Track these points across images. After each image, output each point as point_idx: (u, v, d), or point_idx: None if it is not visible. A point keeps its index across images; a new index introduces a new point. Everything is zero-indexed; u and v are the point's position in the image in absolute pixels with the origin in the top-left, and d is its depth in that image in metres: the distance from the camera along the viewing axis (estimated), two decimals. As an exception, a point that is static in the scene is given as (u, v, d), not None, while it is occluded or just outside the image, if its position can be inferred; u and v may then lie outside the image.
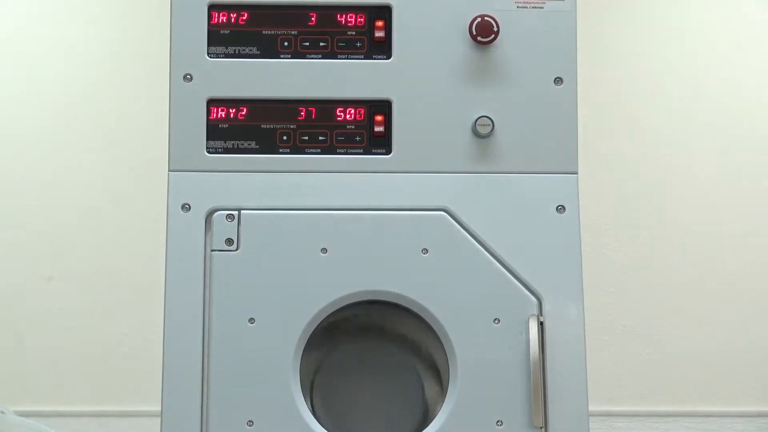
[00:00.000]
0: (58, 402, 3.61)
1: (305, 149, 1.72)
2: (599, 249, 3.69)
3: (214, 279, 1.68)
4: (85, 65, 3.71)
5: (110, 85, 3.70)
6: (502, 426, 1.66)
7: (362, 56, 1.74)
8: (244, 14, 1.74)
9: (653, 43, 3.78)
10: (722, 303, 3.72)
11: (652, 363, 3.71)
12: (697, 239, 3.73)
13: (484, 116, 1.72)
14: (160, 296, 1.70)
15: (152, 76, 3.55)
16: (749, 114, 3.76)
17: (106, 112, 3.69)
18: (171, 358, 1.68)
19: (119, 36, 3.73)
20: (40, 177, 3.64)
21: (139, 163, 3.60)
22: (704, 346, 3.71)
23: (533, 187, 1.72)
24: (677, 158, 3.75)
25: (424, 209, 1.71)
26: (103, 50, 3.72)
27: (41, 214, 3.62)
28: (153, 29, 3.59)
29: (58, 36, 3.71)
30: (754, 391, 3.71)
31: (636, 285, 3.73)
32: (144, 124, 3.62)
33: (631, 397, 3.71)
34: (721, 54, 3.78)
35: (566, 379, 1.67)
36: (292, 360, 1.67)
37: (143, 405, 3.54)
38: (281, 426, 1.66)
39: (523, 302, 1.69)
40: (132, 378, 3.58)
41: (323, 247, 1.69)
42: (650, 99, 3.76)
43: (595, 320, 3.59)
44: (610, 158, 3.73)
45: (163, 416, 1.67)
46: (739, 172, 3.75)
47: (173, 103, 1.72)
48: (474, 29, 1.72)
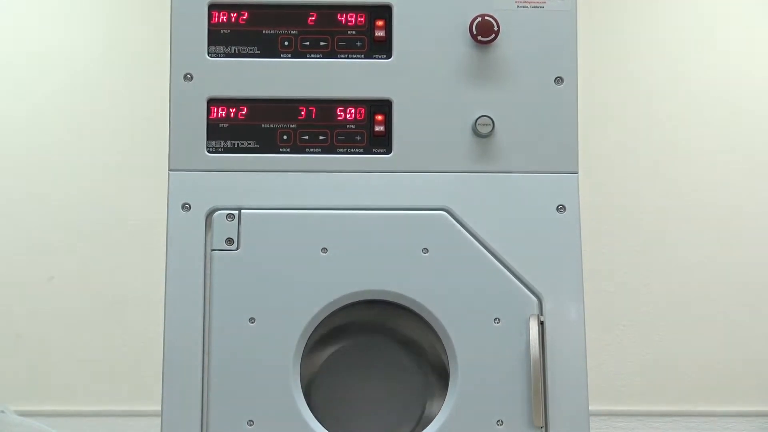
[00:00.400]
0: (58, 402, 3.61)
1: (305, 149, 1.72)
2: (600, 248, 3.69)
3: (214, 279, 1.68)
4: (84, 65, 3.71)
5: (110, 84, 3.69)
6: (503, 425, 1.66)
7: (362, 56, 1.74)
8: (245, 14, 1.74)
9: (653, 42, 3.78)
10: (722, 302, 3.72)
11: (652, 362, 3.71)
12: (698, 239, 3.73)
13: (485, 116, 1.72)
14: (160, 296, 1.70)
15: (152, 75, 3.55)
16: (752, 113, 3.76)
17: (106, 111, 3.69)
18: (171, 357, 1.68)
19: (119, 36, 3.73)
20: (40, 177, 3.64)
21: (140, 162, 3.60)
22: (704, 345, 3.70)
23: (534, 186, 1.72)
24: (679, 158, 3.75)
25: (424, 209, 1.71)
26: (102, 50, 3.72)
27: (41, 214, 3.62)
28: (153, 29, 3.59)
29: (56, 35, 3.71)
30: (755, 390, 3.71)
31: (636, 285, 3.73)
32: (144, 124, 3.62)
33: (631, 397, 3.71)
34: (723, 53, 3.78)
35: (566, 378, 1.67)
36: (292, 360, 1.67)
37: (143, 405, 3.54)
38: (281, 426, 1.66)
39: (524, 302, 1.69)
40: (132, 378, 3.58)
41: (323, 246, 1.69)
42: (650, 99, 3.76)
43: (595, 320, 3.59)
44: (610, 158, 3.73)
45: (164, 416, 1.67)
46: (741, 172, 3.75)
47: (173, 102, 1.72)
48: (474, 29, 1.72)
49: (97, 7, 3.75)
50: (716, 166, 3.75)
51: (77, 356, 3.58)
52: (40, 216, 3.62)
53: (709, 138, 3.75)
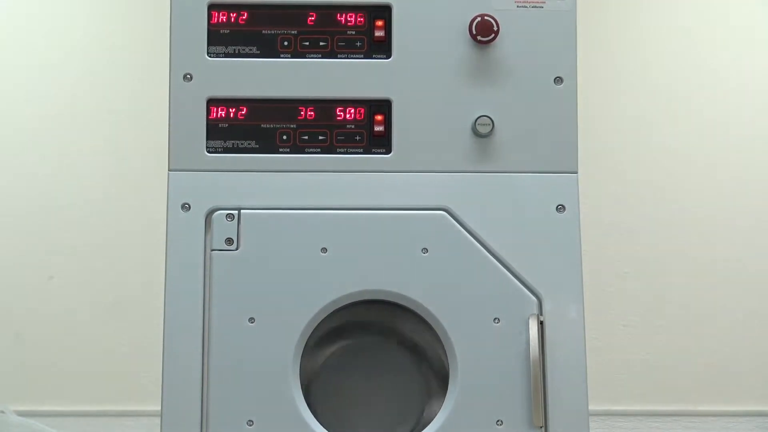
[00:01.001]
0: (58, 402, 3.60)
1: (305, 149, 1.72)
2: (599, 248, 3.68)
3: (214, 279, 1.68)
4: (84, 65, 3.71)
5: (110, 84, 3.69)
6: (502, 425, 1.66)
7: (362, 56, 1.74)
8: (244, 14, 1.74)
9: (653, 42, 3.78)
10: (723, 302, 3.71)
11: (652, 362, 3.71)
12: (698, 238, 3.73)
13: (484, 116, 1.72)
14: (160, 296, 1.70)
15: (152, 75, 3.55)
16: (753, 111, 3.75)
17: (106, 111, 3.68)
18: (171, 357, 1.68)
19: (118, 35, 3.73)
20: (40, 177, 3.64)
21: (139, 162, 3.60)
22: (704, 345, 3.70)
23: (533, 186, 1.72)
24: (679, 157, 3.74)
25: (424, 209, 1.71)
26: (101, 50, 3.72)
27: (41, 214, 3.62)
28: (153, 28, 3.59)
29: (56, 36, 3.71)
30: (755, 390, 3.71)
31: (636, 284, 3.72)
32: (144, 124, 3.62)
33: (631, 397, 3.71)
34: (724, 52, 3.78)
35: (566, 378, 1.67)
36: (292, 360, 1.67)
37: (143, 405, 3.54)
38: (281, 426, 1.66)
39: (523, 302, 1.69)
40: (132, 378, 3.58)
41: (323, 246, 1.69)
42: (650, 98, 3.76)
43: (594, 319, 3.59)
44: (610, 157, 3.73)
45: (163, 416, 1.67)
46: (741, 171, 3.74)
47: (173, 102, 1.72)
48: (474, 29, 1.72)
49: (97, 7, 3.74)
50: (716, 166, 3.75)
51: (77, 356, 3.57)
52: (40, 216, 3.62)
53: (712, 137, 3.75)
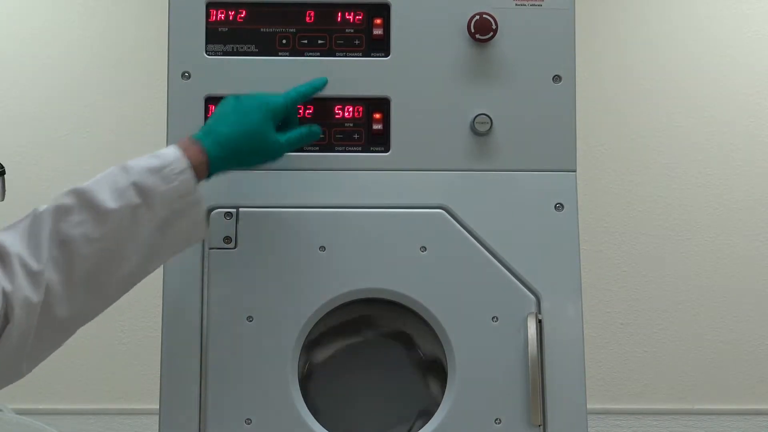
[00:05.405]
0: (57, 400, 3.60)
1: (303, 147, 1.71)
2: (598, 247, 3.69)
3: (212, 277, 1.68)
4: (83, 64, 3.70)
5: (109, 83, 3.69)
6: (501, 424, 1.66)
7: (360, 54, 1.73)
8: (243, 12, 1.73)
9: (654, 41, 3.78)
10: (722, 300, 3.72)
11: (650, 361, 3.71)
12: (697, 237, 3.73)
13: (483, 114, 1.72)
14: (158, 294, 1.70)
15: (150, 73, 3.55)
16: (753, 112, 3.75)
17: (105, 110, 3.68)
18: (169, 356, 1.68)
19: (117, 34, 3.72)
20: (40, 176, 3.64)
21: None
22: (703, 344, 3.71)
23: (532, 184, 1.72)
24: (678, 156, 3.74)
25: (422, 207, 1.71)
26: (100, 48, 3.72)
27: (39, 213, 3.62)
28: (151, 27, 3.59)
29: (55, 35, 3.71)
30: (754, 389, 3.71)
31: (635, 283, 3.73)
32: (142, 123, 3.61)
33: (629, 395, 3.71)
34: (724, 51, 3.78)
35: (565, 376, 1.67)
36: (290, 358, 1.67)
37: (142, 403, 3.54)
38: (279, 424, 1.66)
39: (522, 300, 1.69)
40: (130, 376, 3.58)
41: (321, 245, 1.69)
42: (650, 97, 3.76)
43: (593, 318, 3.59)
44: (609, 156, 3.73)
45: (162, 414, 1.67)
46: (741, 170, 3.75)
47: (171, 100, 1.72)
48: (472, 27, 1.72)
49: (96, 6, 3.74)
50: (716, 165, 3.75)
51: (76, 354, 3.57)
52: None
53: (712, 136, 3.75)
